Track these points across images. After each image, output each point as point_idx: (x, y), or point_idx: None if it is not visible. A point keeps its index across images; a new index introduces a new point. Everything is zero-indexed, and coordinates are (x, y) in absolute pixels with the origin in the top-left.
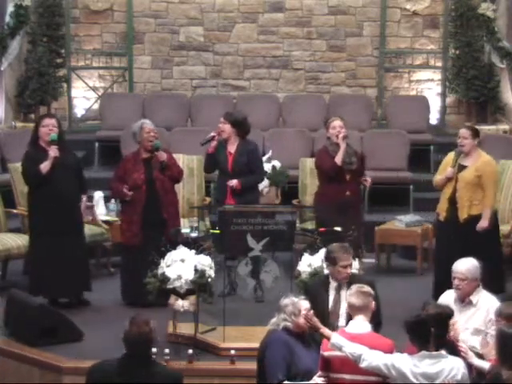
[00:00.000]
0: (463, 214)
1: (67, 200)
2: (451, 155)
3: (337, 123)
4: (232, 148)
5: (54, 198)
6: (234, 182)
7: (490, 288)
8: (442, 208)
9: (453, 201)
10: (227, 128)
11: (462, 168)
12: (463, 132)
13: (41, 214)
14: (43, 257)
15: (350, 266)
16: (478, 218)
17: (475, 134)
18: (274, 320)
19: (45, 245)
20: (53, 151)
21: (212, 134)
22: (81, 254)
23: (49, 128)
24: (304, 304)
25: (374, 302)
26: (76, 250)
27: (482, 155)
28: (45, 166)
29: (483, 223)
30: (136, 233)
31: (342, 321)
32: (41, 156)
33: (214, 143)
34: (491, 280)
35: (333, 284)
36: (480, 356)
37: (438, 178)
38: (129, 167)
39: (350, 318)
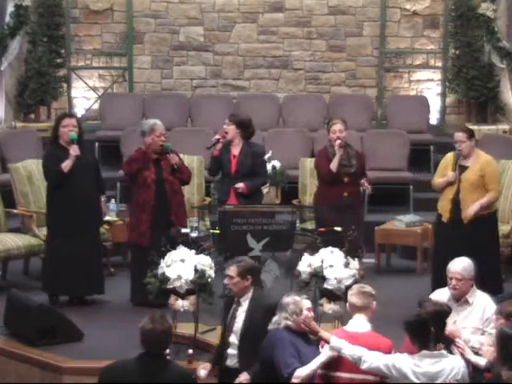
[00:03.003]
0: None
1: (87, 199)
2: (449, 156)
3: (337, 127)
4: (236, 150)
5: (75, 198)
6: (241, 186)
7: (488, 289)
8: (445, 209)
9: (456, 202)
10: (232, 129)
11: (463, 169)
12: (459, 136)
13: (62, 214)
14: (63, 257)
15: (231, 278)
16: (481, 218)
17: (471, 135)
18: (275, 318)
19: (65, 245)
20: (73, 150)
21: (217, 136)
22: (97, 254)
23: (68, 128)
24: (306, 303)
25: (375, 303)
26: (95, 250)
27: (481, 155)
28: (66, 165)
29: (475, 207)
30: (143, 232)
31: (233, 337)
32: (62, 154)
33: (219, 146)
34: (490, 280)
35: (237, 300)
36: (478, 354)
37: (438, 180)
38: (139, 165)
39: (243, 337)
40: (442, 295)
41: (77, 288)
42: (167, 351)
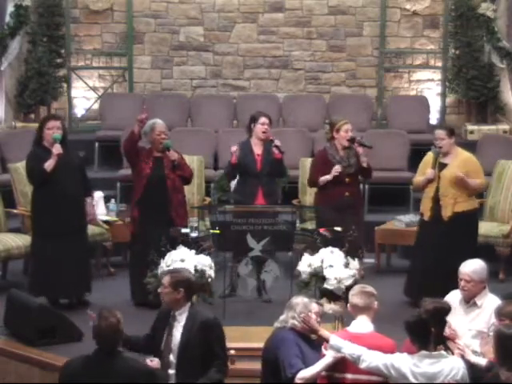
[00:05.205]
0: (447, 212)
1: (71, 200)
2: (429, 155)
3: (348, 126)
4: (259, 149)
5: (58, 198)
6: (279, 146)
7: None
8: (426, 207)
9: (436, 200)
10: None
11: (443, 166)
12: (439, 133)
13: (45, 214)
14: (46, 257)
15: (164, 287)
16: (462, 215)
17: (450, 133)
18: (282, 317)
19: (48, 245)
20: (56, 149)
21: (278, 143)
22: (83, 254)
23: (53, 130)
24: (315, 307)
25: (376, 303)
26: (79, 251)
27: (460, 152)
28: (49, 165)
29: (463, 176)
30: (135, 218)
31: (171, 356)
32: (45, 155)
33: (236, 152)
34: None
35: (172, 313)
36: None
37: (418, 179)
38: (141, 157)
39: (180, 355)
40: (453, 296)
41: (63, 290)
42: None
